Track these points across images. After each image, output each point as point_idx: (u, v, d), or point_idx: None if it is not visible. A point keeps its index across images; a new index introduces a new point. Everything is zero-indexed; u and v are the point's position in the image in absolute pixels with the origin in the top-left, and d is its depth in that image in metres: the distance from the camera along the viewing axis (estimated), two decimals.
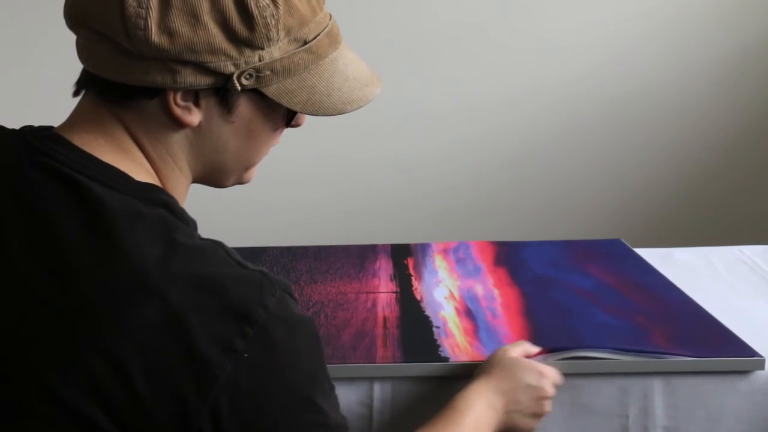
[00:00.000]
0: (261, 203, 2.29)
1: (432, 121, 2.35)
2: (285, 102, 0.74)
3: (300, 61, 0.73)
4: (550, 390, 0.91)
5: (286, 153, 2.24)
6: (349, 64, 0.79)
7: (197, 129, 0.73)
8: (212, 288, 0.65)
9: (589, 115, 2.38)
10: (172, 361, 0.62)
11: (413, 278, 1.24)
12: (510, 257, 1.32)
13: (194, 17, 0.67)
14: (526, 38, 2.31)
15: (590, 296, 1.14)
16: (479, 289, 1.19)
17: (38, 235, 0.66)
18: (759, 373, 0.96)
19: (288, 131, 0.84)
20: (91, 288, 0.63)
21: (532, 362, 0.93)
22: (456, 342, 1.01)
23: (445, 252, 1.35)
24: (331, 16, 0.78)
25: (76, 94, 0.75)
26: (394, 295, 1.17)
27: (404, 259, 1.32)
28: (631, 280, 1.21)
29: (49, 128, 0.75)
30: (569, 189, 2.44)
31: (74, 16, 0.72)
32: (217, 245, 0.69)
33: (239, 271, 0.67)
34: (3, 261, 0.66)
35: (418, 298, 1.16)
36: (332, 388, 0.71)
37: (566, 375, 0.94)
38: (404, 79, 2.28)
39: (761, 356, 0.96)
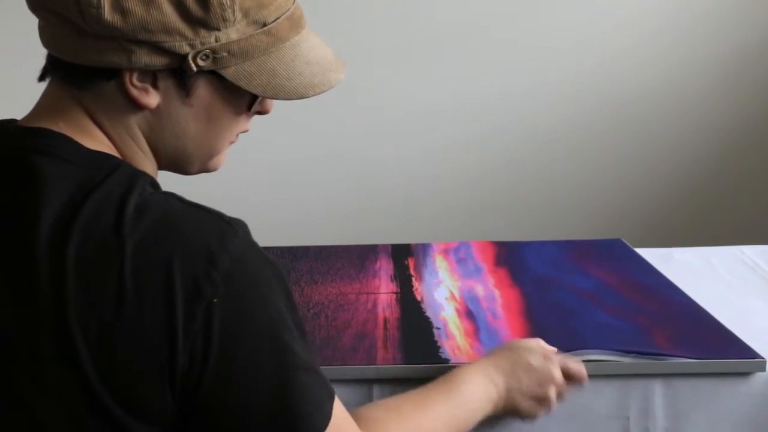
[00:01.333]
0: (261, 203, 2.29)
1: (432, 121, 2.35)
2: (244, 85, 0.73)
3: (258, 44, 0.73)
4: (555, 374, 0.90)
5: (286, 153, 2.25)
6: (312, 48, 0.77)
7: (156, 111, 0.73)
8: (172, 240, 0.65)
9: (589, 115, 2.38)
10: (147, 322, 0.63)
11: (414, 279, 1.23)
12: (511, 257, 1.32)
13: None
14: (526, 38, 2.31)
15: (591, 296, 1.14)
16: (480, 290, 1.18)
17: (5, 228, 0.67)
18: (759, 374, 0.95)
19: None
20: (57, 264, 0.64)
21: (540, 345, 0.93)
22: (457, 343, 1.01)
23: (445, 252, 1.35)
24: (294, 0, 0.77)
25: (41, 79, 0.76)
26: (395, 295, 1.17)
27: (405, 259, 1.32)
28: (632, 280, 1.21)
29: (13, 120, 0.76)
30: (569, 189, 2.44)
31: None
32: (169, 196, 0.70)
33: (197, 216, 0.68)
34: None
35: (419, 298, 1.16)
36: (304, 333, 0.71)
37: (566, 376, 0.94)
38: (404, 79, 2.28)
39: (762, 358, 0.96)
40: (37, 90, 0.77)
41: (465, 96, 2.33)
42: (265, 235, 1.81)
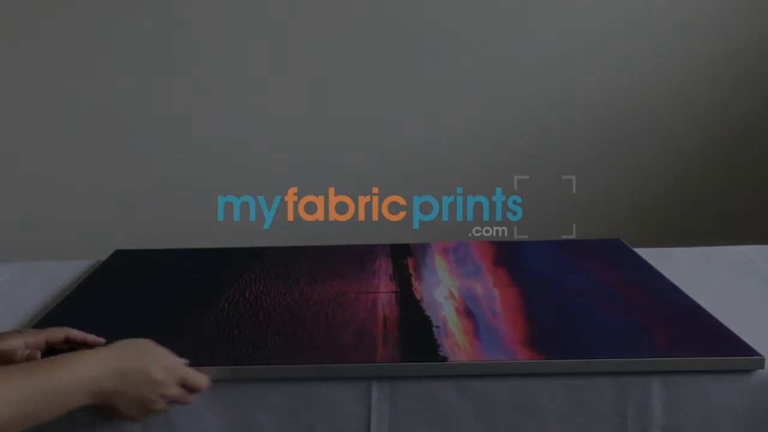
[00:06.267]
0: (261, 203, 2.29)
1: (432, 121, 2.35)
2: None
3: None
4: (172, 391, 0.88)
5: (285, 152, 2.24)
6: None
7: None
8: None
9: (589, 115, 2.38)
10: None
11: (413, 278, 1.24)
12: (509, 257, 1.32)
13: None
14: (525, 37, 2.31)
15: (590, 296, 1.14)
16: (479, 289, 1.19)
17: None
18: (758, 372, 0.96)
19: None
20: None
21: (166, 353, 0.90)
22: (456, 342, 1.01)
23: (445, 252, 1.36)
24: None
25: None
26: (394, 295, 1.17)
27: (404, 259, 1.32)
28: (631, 280, 1.21)
29: None
30: (569, 189, 2.43)
31: None
32: None
33: None
34: None
35: (418, 297, 1.16)
36: None
37: (565, 375, 0.94)
38: (404, 78, 2.28)
39: (761, 355, 0.96)
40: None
41: (464, 95, 2.33)
42: (265, 235, 1.81)
